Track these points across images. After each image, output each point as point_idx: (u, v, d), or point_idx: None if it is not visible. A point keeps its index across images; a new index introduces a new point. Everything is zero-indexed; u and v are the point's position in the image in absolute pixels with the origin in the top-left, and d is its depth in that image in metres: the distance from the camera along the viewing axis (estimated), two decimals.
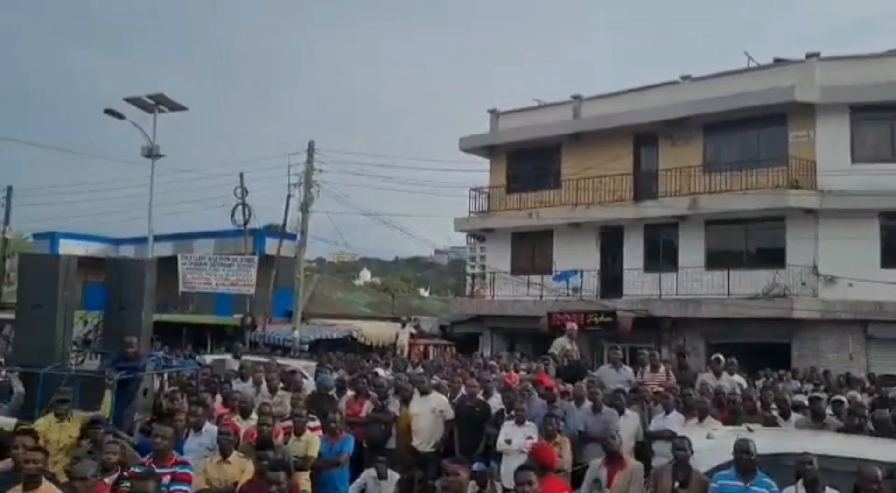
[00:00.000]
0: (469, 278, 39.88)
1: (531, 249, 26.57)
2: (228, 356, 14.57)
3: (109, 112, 22.23)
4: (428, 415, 9.81)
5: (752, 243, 22.43)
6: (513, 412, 9.27)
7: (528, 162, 26.66)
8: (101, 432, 7.44)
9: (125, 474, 6.43)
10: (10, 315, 32.95)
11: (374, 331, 26.96)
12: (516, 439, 8.78)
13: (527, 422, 9.04)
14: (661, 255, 23.46)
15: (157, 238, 27.21)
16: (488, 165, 27.74)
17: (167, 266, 22.75)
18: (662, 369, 12.00)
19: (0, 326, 32.15)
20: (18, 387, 9.36)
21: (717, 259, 22.19)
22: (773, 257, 21.23)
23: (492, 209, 27.06)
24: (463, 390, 10.48)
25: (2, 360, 12.26)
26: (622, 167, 23.76)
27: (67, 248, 33.46)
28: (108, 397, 8.46)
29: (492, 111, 27.97)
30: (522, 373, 14.19)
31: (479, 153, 27.86)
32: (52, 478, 6.06)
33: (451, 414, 9.89)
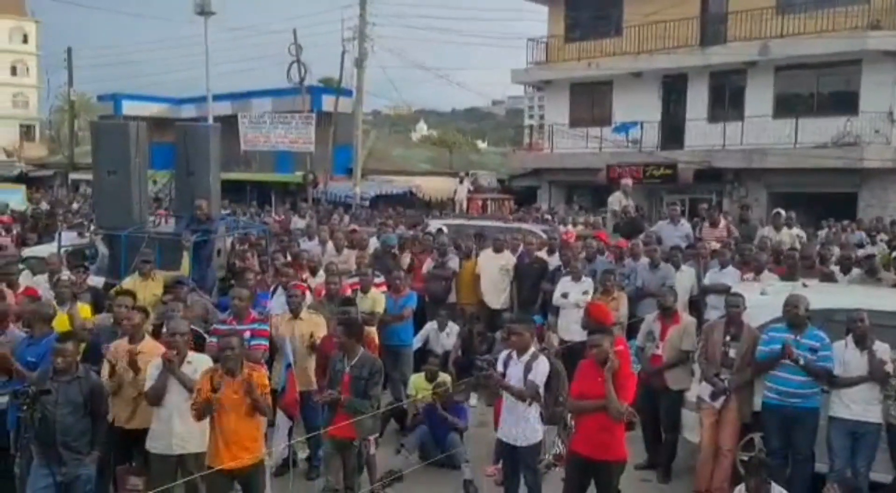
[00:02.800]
0: (527, 130, 39.42)
1: (590, 100, 25.94)
2: None
3: None
4: (496, 271, 10.15)
5: (823, 89, 21.40)
6: (569, 269, 9.54)
7: (587, 9, 25.45)
8: (185, 290, 8.00)
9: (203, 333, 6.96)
10: (84, 175, 34.41)
11: (433, 186, 27.28)
12: (573, 293, 9.09)
13: (583, 278, 9.31)
14: (726, 103, 22.65)
15: (216, 97, 27.49)
16: (546, 13, 26.62)
17: (227, 125, 23.10)
18: (722, 223, 11.99)
19: (76, 185, 33.66)
20: (103, 249, 9.96)
21: (785, 107, 21.34)
22: (846, 104, 20.32)
23: (550, 60, 26.24)
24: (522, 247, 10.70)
25: (84, 222, 12.96)
26: (688, 11, 22.48)
27: (131, 108, 34.14)
28: (186, 258, 8.97)
29: None
30: (580, 228, 14.39)
31: (537, 0, 26.68)
32: None
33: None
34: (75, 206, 21.06)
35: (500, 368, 5.97)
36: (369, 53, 24.25)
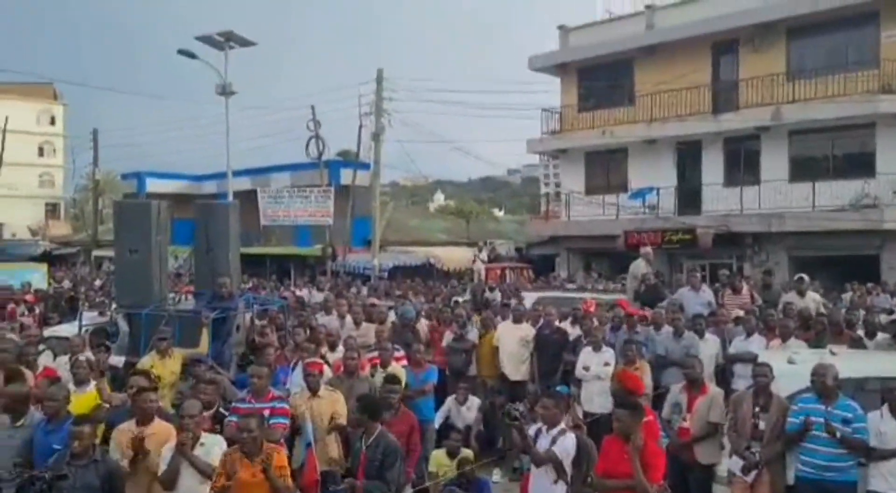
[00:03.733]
0: (543, 198, 39.67)
1: (605, 167, 26.18)
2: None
3: (182, 52, 22.54)
4: (516, 343, 10.05)
5: (838, 152, 21.48)
6: (590, 339, 9.42)
7: (600, 79, 25.94)
8: (202, 368, 7.96)
9: (222, 409, 6.91)
10: (107, 253, 34.82)
11: (451, 257, 27.35)
12: (594, 366, 8.95)
13: (604, 348, 9.17)
14: (741, 168, 22.75)
15: (236, 173, 27.92)
16: (559, 84, 27.15)
17: (247, 200, 23.46)
18: (745, 289, 11.85)
19: (99, 263, 34.08)
20: (123, 327, 9.99)
21: (801, 170, 21.39)
22: (862, 166, 20.33)
23: (564, 129, 26.62)
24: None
25: (106, 300, 13.07)
26: (699, 79, 22.87)
27: (153, 186, 34.88)
28: (205, 335, 8.96)
29: (561, 27, 27.16)
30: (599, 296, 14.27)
31: (549, 72, 27.24)
32: (159, 411, 6.55)
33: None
34: (98, 283, 21.29)
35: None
36: (386, 127, 24.72)
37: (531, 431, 5.94)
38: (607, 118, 25.11)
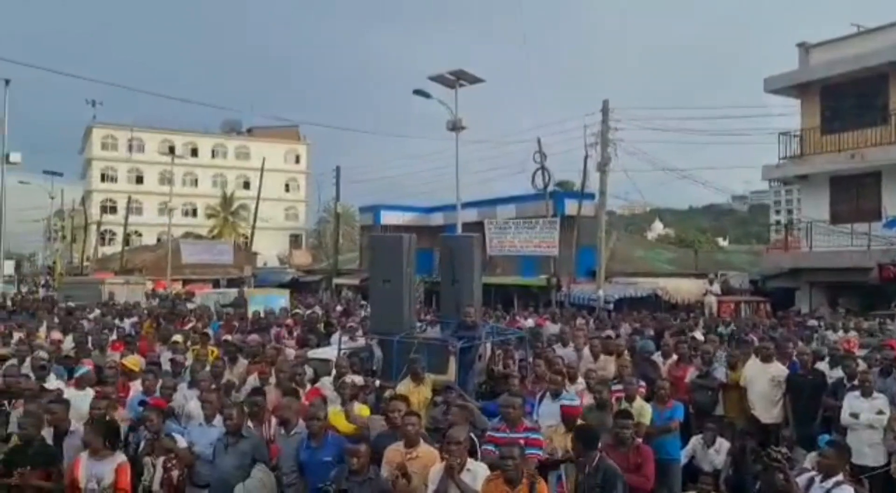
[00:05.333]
0: (773, 227, 37.10)
1: (854, 193, 23.98)
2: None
3: (418, 92, 24.03)
4: (766, 384, 9.50)
5: None
6: (856, 382, 8.67)
7: (846, 98, 23.93)
8: (453, 395, 8.33)
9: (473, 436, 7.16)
10: (346, 280, 37.58)
11: (679, 288, 26.35)
12: (864, 413, 8.21)
13: (874, 393, 8.40)
14: None
15: (464, 205, 29.08)
16: (798, 106, 25.41)
17: (473, 231, 24.25)
18: None
19: (339, 290, 36.84)
20: (378, 352, 10.74)
21: None
22: None
23: (805, 153, 24.82)
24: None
25: (354, 326, 14.08)
26: None
27: (387, 218, 37.23)
28: (452, 363, 9.37)
29: (801, 45, 25.46)
30: (859, 336, 13.12)
31: (786, 93, 25.62)
32: (423, 435, 6.93)
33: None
34: (339, 309, 22.98)
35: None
36: (612, 157, 24.56)
37: (801, 478, 5.58)
38: (856, 140, 23.07)
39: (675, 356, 10.63)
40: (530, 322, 17.91)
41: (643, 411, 8.20)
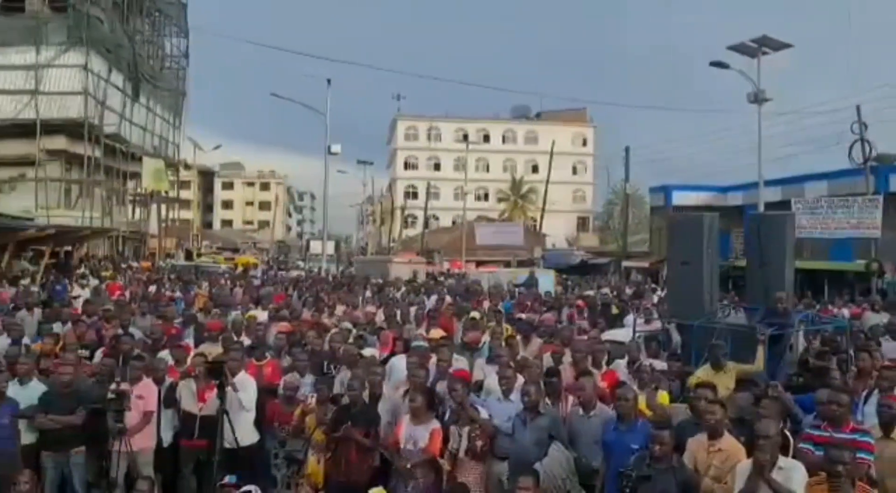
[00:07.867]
0: None
1: None
2: None
3: (715, 64, 22.64)
4: None
5: None
6: None
7: None
8: (760, 388, 7.63)
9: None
10: (635, 263, 36.77)
11: None
12: None
13: None
14: None
15: (765, 183, 26.90)
16: None
17: (776, 211, 22.26)
18: None
19: (628, 273, 36.22)
20: (676, 337, 10.28)
21: None
22: None
23: None
24: None
25: (650, 309, 13.62)
26: None
27: (679, 198, 35.79)
28: (760, 352, 8.64)
29: None
30: None
31: None
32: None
33: None
34: (628, 292, 22.47)
35: None
36: None
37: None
38: None
39: None
40: (845, 312, 16.08)
41: None
